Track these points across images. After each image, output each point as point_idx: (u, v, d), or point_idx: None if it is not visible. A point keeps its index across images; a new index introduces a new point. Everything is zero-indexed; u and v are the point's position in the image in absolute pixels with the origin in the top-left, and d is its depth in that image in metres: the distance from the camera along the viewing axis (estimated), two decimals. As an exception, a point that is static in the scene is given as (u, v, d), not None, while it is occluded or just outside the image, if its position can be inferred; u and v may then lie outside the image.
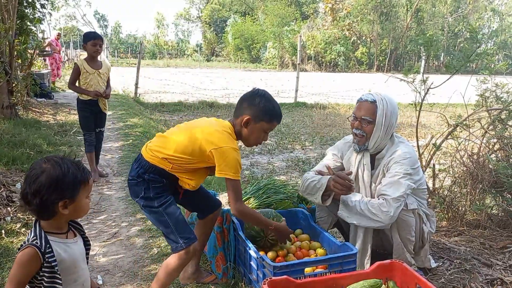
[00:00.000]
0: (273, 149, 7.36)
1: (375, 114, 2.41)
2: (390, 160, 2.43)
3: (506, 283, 2.48)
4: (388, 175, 2.39)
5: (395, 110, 2.45)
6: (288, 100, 13.64)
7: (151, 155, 2.14)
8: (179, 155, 2.10)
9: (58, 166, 1.43)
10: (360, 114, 2.46)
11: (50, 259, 1.40)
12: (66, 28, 43.89)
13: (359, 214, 2.34)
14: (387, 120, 2.41)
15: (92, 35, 4.34)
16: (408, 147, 2.48)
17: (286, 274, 1.91)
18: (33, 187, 1.39)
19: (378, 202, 2.31)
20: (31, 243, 1.40)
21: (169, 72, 26.93)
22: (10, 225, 3.20)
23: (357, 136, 2.48)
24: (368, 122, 2.42)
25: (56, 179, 1.41)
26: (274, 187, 2.85)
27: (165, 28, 61.56)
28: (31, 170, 1.43)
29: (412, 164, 2.40)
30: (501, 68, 3.50)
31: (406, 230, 2.39)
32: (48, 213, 1.44)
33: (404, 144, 2.49)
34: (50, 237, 1.44)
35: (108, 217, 3.59)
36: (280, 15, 42.36)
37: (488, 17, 43.06)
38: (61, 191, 1.42)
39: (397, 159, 2.39)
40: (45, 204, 1.41)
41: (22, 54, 8.08)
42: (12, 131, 5.81)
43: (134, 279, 2.59)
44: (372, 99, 2.43)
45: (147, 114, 10.02)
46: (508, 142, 3.26)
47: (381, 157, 2.49)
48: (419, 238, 2.47)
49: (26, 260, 1.39)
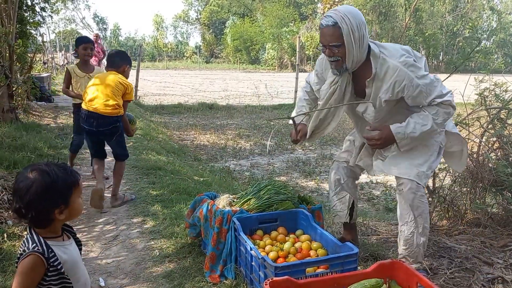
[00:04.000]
0: (273, 150, 7.36)
1: (342, 37, 2.27)
2: (393, 84, 2.30)
3: (507, 281, 2.49)
4: (410, 94, 2.30)
5: (360, 21, 2.30)
6: (287, 101, 13.67)
7: (111, 109, 3.60)
8: (118, 100, 3.64)
9: (46, 174, 1.41)
10: (326, 42, 2.32)
11: (55, 262, 1.41)
12: (65, 31, 43.91)
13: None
14: (356, 36, 2.27)
15: (82, 40, 4.45)
16: (394, 52, 2.34)
17: (288, 274, 1.92)
18: (26, 200, 1.38)
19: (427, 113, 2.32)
20: (33, 250, 1.39)
21: (169, 74, 26.97)
22: (11, 228, 3.20)
23: (333, 62, 2.38)
24: (337, 47, 2.29)
25: (47, 187, 1.39)
26: (274, 188, 2.86)
27: (164, 30, 61.63)
28: (19, 182, 1.40)
29: (413, 62, 2.30)
30: (500, 66, 3.51)
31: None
32: (45, 222, 1.44)
33: (389, 53, 2.35)
34: (49, 242, 1.44)
35: (109, 219, 3.60)
36: (278, 16, 42.38)
37: (488, 15, 43.06)
38: (55, 199, 1.41)
39: (400, 75, 2.28)
40: (41, 214, 1.40)
41: (22, 57, 8.10)
42: (13, 134, 5.81)
43: (136, 281, 2.60)
44: (332, 22, 2.27)
45: (147, 117, 10.04)
46: (507, 140, 3.27)
47: (370, 77, 2.37)
48: None
49: (31, 267, 1.38)
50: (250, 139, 8.20)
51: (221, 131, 8.97)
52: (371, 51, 2.36)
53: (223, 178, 5.39)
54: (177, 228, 3.28)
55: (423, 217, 2.45)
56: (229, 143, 7.78)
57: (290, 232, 2.69)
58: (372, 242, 3.08)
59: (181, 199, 3.95)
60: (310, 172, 5.92)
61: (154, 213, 3.66)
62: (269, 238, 2.60)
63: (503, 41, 37.09)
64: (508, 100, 3.30)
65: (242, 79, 24.71)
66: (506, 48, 35.69)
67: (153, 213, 3.66)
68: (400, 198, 2.49)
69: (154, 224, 3.42)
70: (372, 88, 2.40)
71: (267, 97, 14.56)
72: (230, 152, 7.18)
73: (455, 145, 2.62)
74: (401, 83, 2.29)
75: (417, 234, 2.46)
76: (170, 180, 4.60)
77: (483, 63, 3.72)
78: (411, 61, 2.30)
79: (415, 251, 2.48)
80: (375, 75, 2.36)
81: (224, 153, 7.09)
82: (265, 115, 11.32)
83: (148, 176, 4.75)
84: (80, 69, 4.43)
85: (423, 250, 2.51)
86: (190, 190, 4.27)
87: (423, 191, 2.46)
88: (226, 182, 5.14)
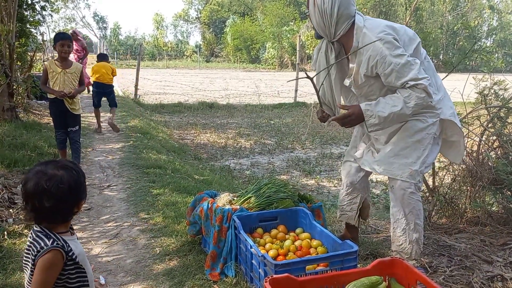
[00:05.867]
0: (273, 149, 7.37)
1: (308, 6, 2.44)
2: (367, 58, 2.30)
3: (506, 279, 2.49)
4: (382, 71, 2.29)
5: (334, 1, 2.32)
6: (288, 100, 13.67)
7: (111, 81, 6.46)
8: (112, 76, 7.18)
9: (71, 170, 1.46)
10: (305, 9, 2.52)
11: (73, 256, 1.46)
12: (65, 30, 43.86)
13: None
14: (320, 8, 2.34)
15: (60, 36, 4.46)
16: (375, 26, 2.33)
17: (288, 272, 1.92)
18: (57, 197, 1.40)
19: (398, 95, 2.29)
20: (53, 246, 1.42)
21: (169, 73, 26.95)
22: (12, 226, 3.21)
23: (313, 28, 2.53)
24: (307, 14, 2.47)
25: (76, 182, 1.45)
26: (274, 186, 2.87)
27: (164, 29, 61.58)
28: (48, 181, 1.39)
29: (391, 40, 2.26)
30: (500, 65, 3.51)
31: None
32: (67, 217, 1.50)
33: (370, 26, 2.33)
34: (63, 237, 1.48)
35: (110, 217, 3.60)
36: (279, 15, 42.32)
37: (488, 14, 43.03)
38: (81, 193, 1.49)
39: (374, 50, 2.27)
40: (68, 209, 1.46)
41: (22, 56, 8.10)
42: (13, 133, 5.82)
43: (136, 279, 2.61)
44: None
45: (147, 116, 10.04)
46: (507, 139, 3.27)
47: (353, 48, 2.38)
48: None
49: (53, 262, 1.42)
50: (251, 138, 8.20)
51: (221, 130, 8.97)
52: (355, 24, 2.36)
53: (224, 177, 5.40)
54: (178, 227, 3.29)
55: (414, 213, 2.46)
56: (230, 142, 7.79)
57: (290, 230, 2.70)
58: (372, 240, 3.09)
59: (181, 198, 3.96)
60: (310, 171, 5.92)
61: (155, 211, 3.67)
62: (269, 236, 2.61)
63: (504, 40, 37.06)
64: (508, 99, 3.31)
65: (242, 78, 24.71)
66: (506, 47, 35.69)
67: (153, 211, 3.67)
68: (391, 195, 2.51)
69: (155, 222, 3.43)
70: (355, 62, 2.39)
71: (267, 96, 14.56)
72: (231, 151, 7.19)
73: (455, 134, 2.56)
74: (374, 58, 2.27)
75: (409, 230, 2.47)
76: (170, 178, 4.60)
77: (483, 62, 3.71)
78: (389, 38, 2.26)
79: (408, 247, 2.49)
80: (355, 48, 2.36)
81: (225, 152, 7.09)
82: (265, 114, 11.32)
83: (149, 175, 4.76)
84: (56, 64, 4.48)
85: (417, 247, 2.51)
86: (191, 189, 4.28)
87: (414, 188, 2.44)
88: (227, 181, 5.15)
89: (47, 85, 4.53)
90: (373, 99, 2.42)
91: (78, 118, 4.73)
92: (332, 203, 4.58)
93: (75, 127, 4.70)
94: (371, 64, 2.30)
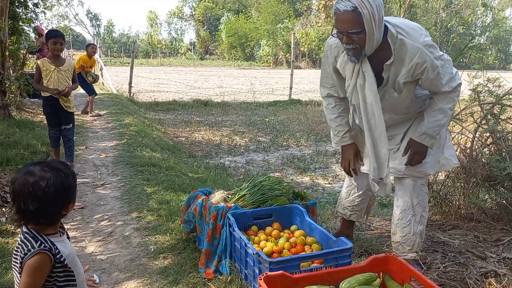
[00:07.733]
0: (268, 147, 7.37)
1: (362, 23, 2.04)
2: (414, 66, 2.14)
3: (500, 275, 2.51)
4: (428, 76, 2.18)
5: (379, 2, 2.09)
6: (282, 98, 13.67)
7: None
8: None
9: (59, 171, 1.42)
10: (345, 29, 2.08)
11: (61, 258, 1.44)
12: (59, 28, 43.62)
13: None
14: (377, 19, 2.07)
15: (52, 34, 4.44)
16: (411, 31, 2.16)
17: (282, 269, 1.92)
18: (42, 200, 1.37)
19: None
20: (40, 249, 1.40)
21: (163, 71, 26.86)
22: (5, 225, 3.18)
23: (350, 50, 2.17)
24: (357, 34, 2.07)
25: (64, 185, 1.42)
26: (269, 184, 2.86)
27: (158, 27, 61.34)
28: (34, 183, 1.37)
29: (432, 43, 2.16)
30: (493, 62, 3.52)
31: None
32: (56, 219, 1.47)
33: (406, 33, 2.15)
34: (51, 238, 1.46)
35: (103, 216, 3.58)
36: (273, 13, 42.32)
37: (482, 11, 43.25)
38: (69, 195, 1.46)
39: (422, 56, 2.12)
40: (55, 212, 1.43)
41: (15, 54, 8.03)
42: (6, 131, 5.77)
43: (131, 277, 2.59)
44: (351, 6, 2.02)
45: (141, 113, 10.00)
46: (500, 136, 3.29)
47: (388, 60, 2.19)
48: None
49: (40, 266, 1.40)
50: (245, 136, 8.19)
51: (216, 127, 8.96)
52: (388, 32, 2.15)
53: (218, 175, 5.39)
54: (172, 225, 3.28)
55: (422, 205, 2.46)
56: (224, 140, 7.77)
57: (285, 227, 2.69)
58: (367, 237, 3.10)
59: (175, 196, 3.94)
60: (305, 168, 5.93)
61: (149, 209, 3.65)
62: (264, 234, 2.60)
63: (497, 37, 37.25)
64: (501, 96, 3.32)
65: (237, 76, 24.67)
66: (500, 44, 35.84)
67: (148, 209, 3.65)
68: (399, 185, 2.49)
69: (149, 221, 3.42)
70: (391, 72, 2.23)
71: (262, 94, 14.55)
72: (225, 148, 7.18)
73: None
74: (422, 65, 2.14)
75: (414, 222, 2.47)
76: (164, 176, 4.59)
77: (476, 59, 3.72)
78: (430, 41, 2.15)
79: (412, 239, 2.49)
80: (399, 58, 2.17)
81: (219, 150, 7.08)
82: (260, 112, 11.31)
83: (143, 173, 4.74)
84: (50, 62, 4.45)
85: (420, 239, 2.52)
86: (185, 187, 4.26)
87: (425, 180, 2.46)
88: (221, 178, 5.14)
89: (40, 83, 4.50)
90: (403, 106, 2.36)
91: (72, 116, 4.70)
92: (327, 200, 4.59)
93: (69, 125, 4.68)
94: (417, 72, 2.17)
